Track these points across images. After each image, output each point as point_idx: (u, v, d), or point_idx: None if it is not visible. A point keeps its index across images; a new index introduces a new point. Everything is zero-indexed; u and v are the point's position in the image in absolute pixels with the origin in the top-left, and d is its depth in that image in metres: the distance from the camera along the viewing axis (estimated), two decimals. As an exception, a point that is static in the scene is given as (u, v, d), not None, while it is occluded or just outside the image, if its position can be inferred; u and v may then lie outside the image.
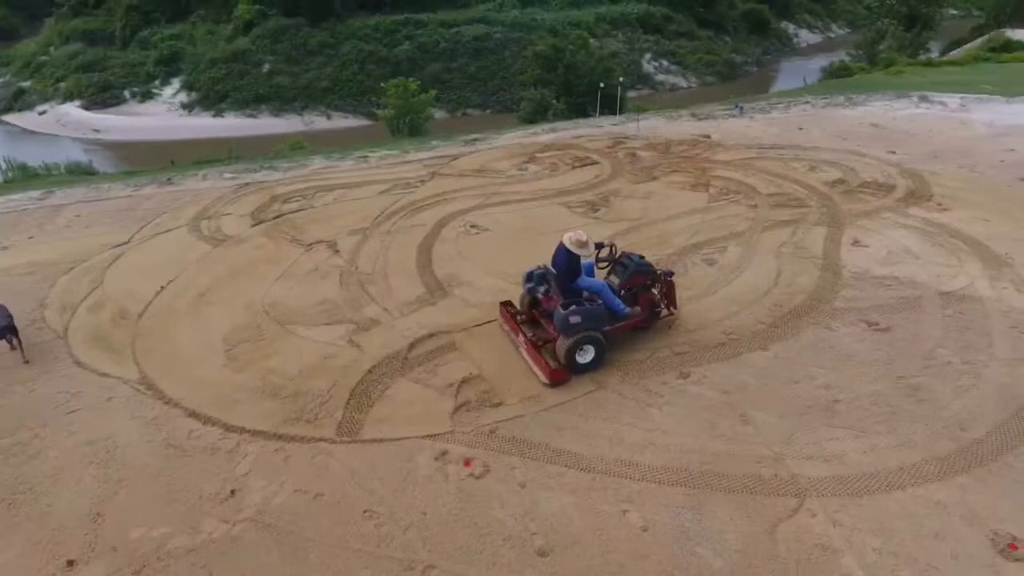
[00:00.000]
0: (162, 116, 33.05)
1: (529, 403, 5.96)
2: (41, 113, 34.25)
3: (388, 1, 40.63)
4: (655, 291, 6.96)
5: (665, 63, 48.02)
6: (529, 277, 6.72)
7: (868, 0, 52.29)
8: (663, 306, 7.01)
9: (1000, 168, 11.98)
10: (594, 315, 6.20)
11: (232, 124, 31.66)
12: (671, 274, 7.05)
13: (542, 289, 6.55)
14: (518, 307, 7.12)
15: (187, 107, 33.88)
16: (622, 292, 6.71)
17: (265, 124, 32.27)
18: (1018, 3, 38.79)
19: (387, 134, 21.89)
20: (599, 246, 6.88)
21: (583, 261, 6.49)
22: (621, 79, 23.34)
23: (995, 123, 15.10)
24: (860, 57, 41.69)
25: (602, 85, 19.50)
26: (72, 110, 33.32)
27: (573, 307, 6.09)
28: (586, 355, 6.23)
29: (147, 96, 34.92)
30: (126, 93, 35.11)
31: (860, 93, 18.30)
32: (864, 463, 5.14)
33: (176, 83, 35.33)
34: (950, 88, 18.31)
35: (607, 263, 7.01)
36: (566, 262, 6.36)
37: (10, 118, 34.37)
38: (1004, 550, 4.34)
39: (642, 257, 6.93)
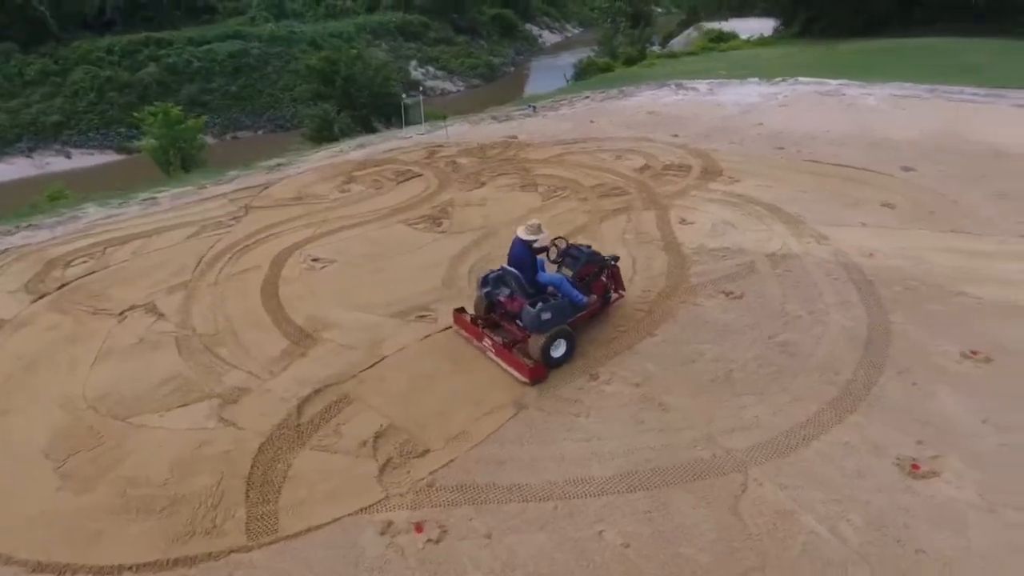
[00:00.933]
0: None
1: (456, 443, 5.49)
2: None
3: (119, 20, 35.50)
4: (603, 278, 7.14)
5: (431, 69, 48.81)
6: (485, 281, 6.68)
7: (598, 1, 58.00)
8: (613, 290, 7.29)
9: (759, 140, 13.93)
10: (562, 309, 6.30)
11: (-67, 179, 25.52)
12: (616, 259, 7.33)
13: (505, 291, 6.54)
14: (473, 312, 6.94)
15: None
16: (577, 283, 6.79)
17: (-18, 173, 26.50)
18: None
19: (157, 169, 19.16)
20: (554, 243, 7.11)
21: (538, 257, 6.61)
22: (422, 88, 23.06)
23: (740, 103, 17.56)
24: (603, 52, 46.30)
25: (405, 97, 18.96)
26: None
27: (541, 304, 6.13)
28: (559, 349, 6.28)
29: None
30: None
31: (629, 85, 20.12)
32: (777, 424, 5.53)
33: None
34: (695, 76, 20.93)
35: (559, 259, 7.12)
36: (527, 256, 6.45)
37: None
38: (911, 472, 4.94)
39: (589, 247, 7.16)
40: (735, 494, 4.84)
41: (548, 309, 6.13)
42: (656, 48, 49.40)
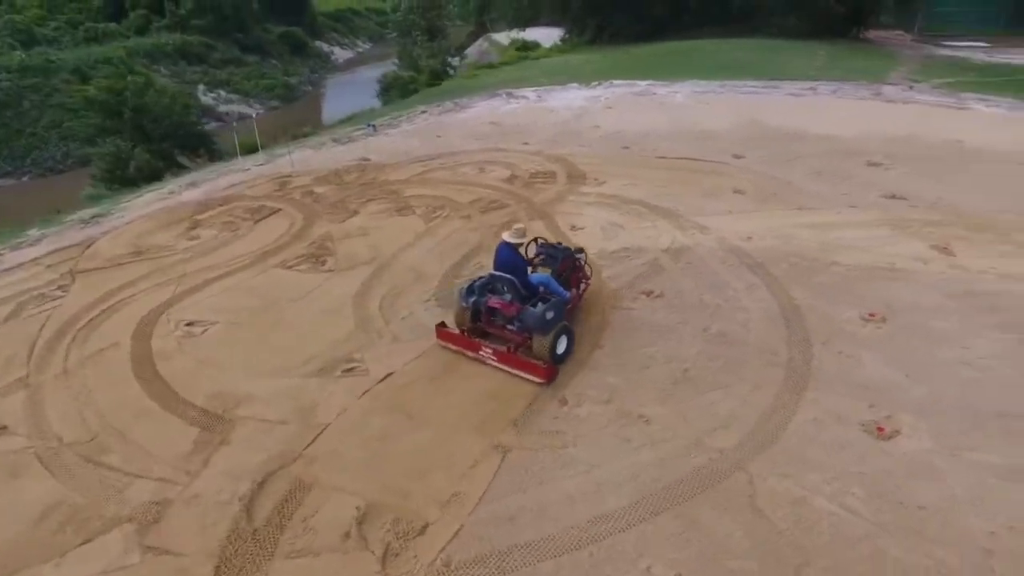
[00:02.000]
0: None
1: (453, 508, 4.87)
2: None
3: None
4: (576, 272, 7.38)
5: (223, 93, 44.95)
6: (471, 290, 6.61)
7: (391, 15, 57.14)
8: (584, 281, 7.50)
9: (603, 142, 14.59)
10: (559, 307, 6.40)
11: None
12: (582, 251, 7.57)
13: (495, 298, 6.49)
14: (455, 325, 6.79)
15: None
16: (558, 279, 6.90)
17: None
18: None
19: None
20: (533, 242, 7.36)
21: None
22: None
23: (570, 107, 18.30)
24: (404, 66, 46.06)
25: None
26: None
27: (542, 305, 6.21)
28: (562, 345, 6.36)
29: None
30: None
31: (461, 97, 20.02)
32: (750, 415, 5.67)
33: None
34: (519, 84, 21.45)
35: (540, 255, 7.29)
36: (518, 259, 6.58)
37: None
38: (878, 436, 5.34)
39: (559, 243, 7.59)
40: (747, 494, 4.85)
41: (551, 308, 6.18)
42: (456, 60, 50.44)
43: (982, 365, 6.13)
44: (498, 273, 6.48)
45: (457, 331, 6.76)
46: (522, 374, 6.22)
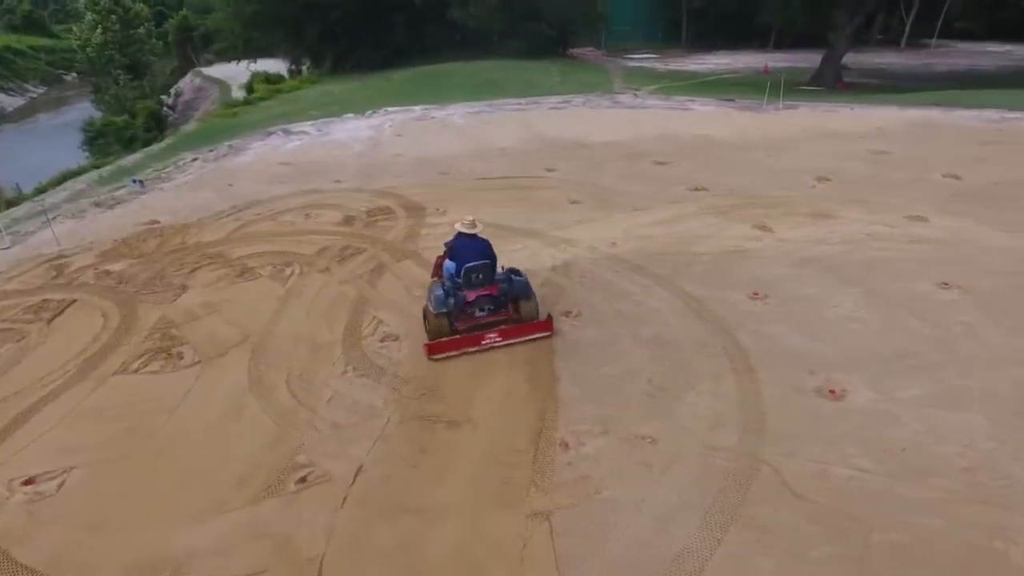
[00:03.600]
0: None
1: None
2: None
3: None
4: None
5: None
6: (447, 295, 6.82)
7: (79, 52, 47.73)
8: None
9: (418, 170, 14.09)
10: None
11: None
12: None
13: (485, 282, 6.90)
14: (439, 336, 6.83)
15: None
16: None
17: None
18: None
19: None
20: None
21: (445, 263, 7.20)
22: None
23: (358, 137, 17.36)
24: (110, 109, 39.79)
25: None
26: None
27: (516, 276, 7.16)
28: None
29: None
30: None
31: (231, 138, 17.58)
32: (729, 407, 5.90)
33: None
34: (291, 119, 19.66)
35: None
36: (488, 246, 7.04)
37: None
38: (832, 397, 5.96)
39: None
40: (779, 482, 5.01)
41: (522, 275, 7.14)
42: (171, 99, 44.63)
43: (857, 318, 7.27)
44: (475, 263, 6.78)
45: (449, 337, 6.81)
46: (532, 336, 6.92)
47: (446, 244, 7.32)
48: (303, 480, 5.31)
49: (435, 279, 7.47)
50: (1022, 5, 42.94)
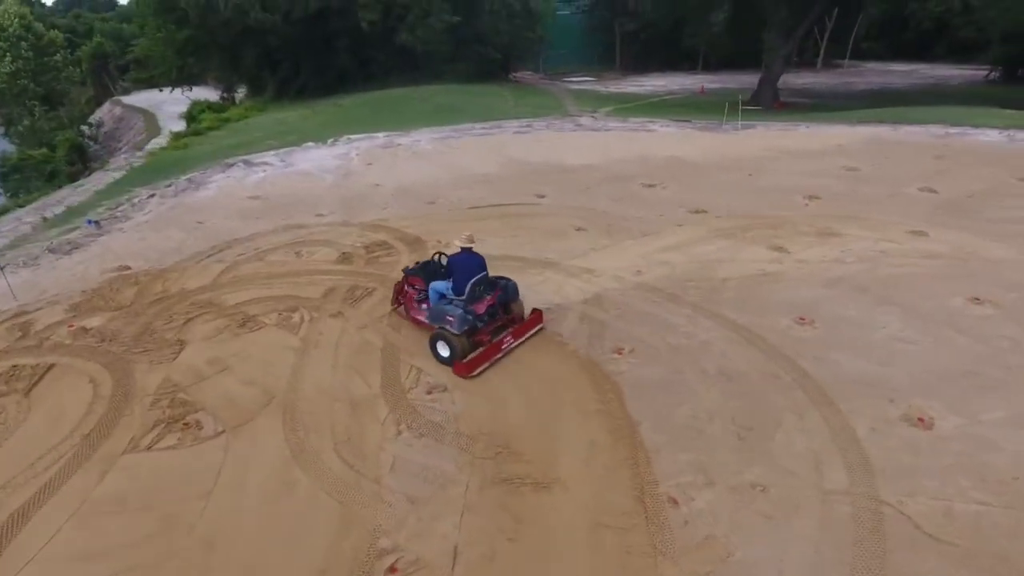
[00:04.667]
0: None
1: None
2: None
3: None
4: None
5: None
6: (465, 317, 6.79)
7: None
8: None
9: (404, 201, 13.39)
10: None
11: None
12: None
13: (486, 293, 7.16)
14: (466, 354, 6.83)
15: None
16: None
17: None
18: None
19: None
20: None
21: (434, 284, 7.42)
22: None
23: (325, 167, 16.46)
24: (26, 142, 37.01)
25: None
26: None
27: (503, 280, 7.49)
28: None
29: None
30: None
31: (188, 172, 16.22)
32: (826, 445, 5.62)
33: None
34: (248, 150, 18.43)
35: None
36: (480, 258, 7.18)
37: None
38: (922, 427, 5.78)
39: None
40: (912, 525, 4.73)
41: (510, 280, 7.56)
42: (92, 130, 41.80)
43: (907, 338, 7.20)
44: (479, 277, 6.98)
45: (472, 354, 6.83)
46: (533, 331, 7.45)
47: (405, 270, 7.93)
48: (393, 570, 4.59)
49: (412, 303, 7.83)
50: (922, 27, 46.58)
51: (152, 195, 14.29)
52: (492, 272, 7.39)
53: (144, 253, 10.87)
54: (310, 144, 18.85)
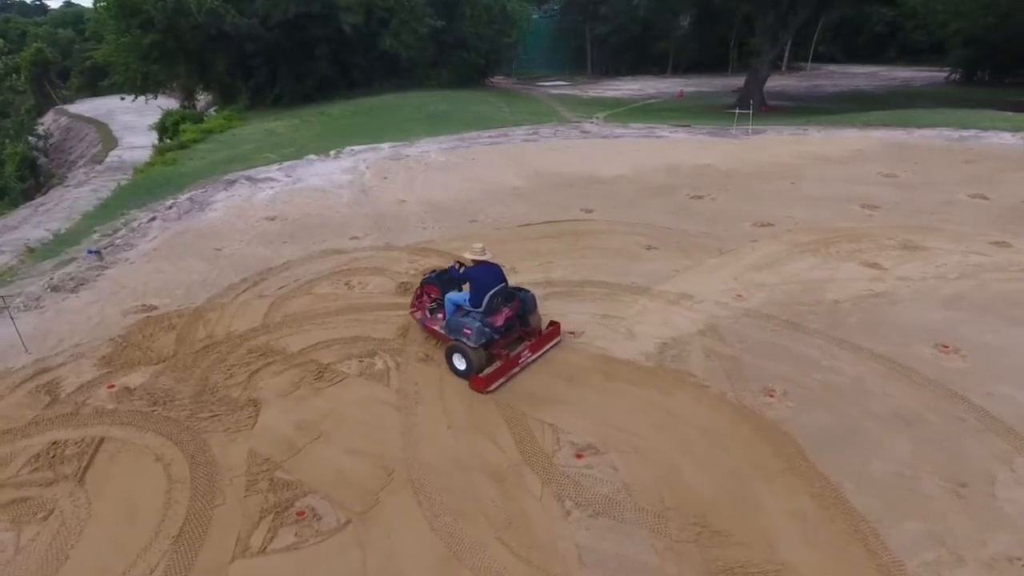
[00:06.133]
0: None
1: None
2: None
3: None
4: None
5: None
6: (482, 330, 6.50)
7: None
8: None
9: (438, 219, 12.32)
10: None
11: None
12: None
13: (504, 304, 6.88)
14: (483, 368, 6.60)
15: None
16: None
17: None
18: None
19: None
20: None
21: (450, 295, 7.18)
22: None
23: (337, 182, 15.17)
24: None
25: None
26: None
27: (521, 292, 7.17)
28: None
29: None
30: None
31: (186, 191, 14.65)
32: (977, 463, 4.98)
33: None
34: (246, 165, 16.90)
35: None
36: (497, 268, 6.92)
37: None
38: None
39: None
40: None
41: (528, 291, 7.26)
42: (39, 141, 38.93)
43: (1076, 364, 6.64)
44: (498, 288, 6.67)
45: (489, 370, 6.61)
46: (552, 343, 7.14)
47: (425, 280, 7.66)
48: None
49: (429, 315, 7.58)
50: (876, 31, 47.90)
51: (153, 218, 12.74)
52: (596, 304, 6.59)
53: (166, 289, 9.48)
54: (312, 157, 17.47)
